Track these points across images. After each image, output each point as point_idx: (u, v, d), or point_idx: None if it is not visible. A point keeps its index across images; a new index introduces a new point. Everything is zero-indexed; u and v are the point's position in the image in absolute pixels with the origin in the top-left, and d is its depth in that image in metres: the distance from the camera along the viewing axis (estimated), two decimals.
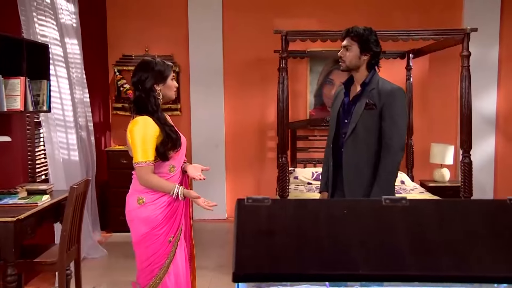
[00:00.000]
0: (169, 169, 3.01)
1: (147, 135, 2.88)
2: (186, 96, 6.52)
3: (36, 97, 4.05)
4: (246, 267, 1.07)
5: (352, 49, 3.05)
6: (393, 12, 6.37)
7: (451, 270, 1.06)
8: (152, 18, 6.48)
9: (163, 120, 2.99)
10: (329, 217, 1.18)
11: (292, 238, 1.14)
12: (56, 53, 4.66)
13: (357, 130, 3.05)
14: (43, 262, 3.58)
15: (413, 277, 1.06)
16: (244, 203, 1.20)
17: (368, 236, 1.14)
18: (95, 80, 5.96)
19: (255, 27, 6.45)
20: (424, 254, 1.10)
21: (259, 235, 1.14)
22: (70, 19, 5.17)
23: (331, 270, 1.07)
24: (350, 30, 3.08)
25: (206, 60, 6.47)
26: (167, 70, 3.02)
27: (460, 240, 1.12)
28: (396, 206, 1.20)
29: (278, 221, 1.18)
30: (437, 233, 1.14)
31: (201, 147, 6.51)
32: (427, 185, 5.99)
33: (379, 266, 1.08)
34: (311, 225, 1.17)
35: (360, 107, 3.06)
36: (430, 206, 1.20)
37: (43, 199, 3.72)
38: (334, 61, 6.44)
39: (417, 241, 1.13)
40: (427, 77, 6.52)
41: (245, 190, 6.69)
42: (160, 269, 3.00)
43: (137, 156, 2.87)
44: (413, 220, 1.17)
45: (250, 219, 1.17)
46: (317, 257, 1.10)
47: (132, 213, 3.02)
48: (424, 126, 6.47)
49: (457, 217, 1.17)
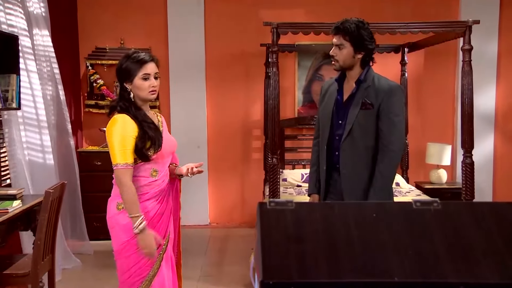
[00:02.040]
0: (151, 173, 2.93)
1: (126, 134, 2.81)
2: (165, 93, 6.47)
3: (5, 93, 3.98)
4: (274, 276, 1.07)
5: (344, 48, 3.02)
6: (385, 3, 6.42)
7: (492, 277, 1.07)
8: (128, 7, 6.42)
9: (142, 117, 2.92)
10: (358, 221, 1.18)
11: (321, 243, 1.14)
12: (25, 45, 4.57)
13: (353, 132, 3.04)
14: (14, 274, 3.51)
15: (452, 285, 1.07)
16: (267, 207, 1.20)
17: (401, 241, 1.15)
18: (66, 75, 5.87)
19: (240, 19, 6.45)
20: (462, 260, 1.11)
21: (286, 240, 1.14)
22: (39, 8, 5.07)
23: (365, 277, 1.08)
24: (341, 26, 3.01)
25: (186, 54, 6.43)
26: (133, 69, 2.89)
27: (499, 245, 1.13)
28: (428, 209, 1.21)
29: (304, 225, 1.17)
30: (474, 238, 1.15)
31: (182, 147, 6.36)
32: (423, 187, 6.05)
33: (414, 273, 1.09)
34: (340, 229, 1.17)
35: (356, 107, 3.05)
36: (463, 208, 1.21)
37: (14, 205, 3.66)
38: (324, 55, 6.48)
39: (453, 246, 1.14)
40: (422, 73, 6.60)
41: (229, 194, 6.69)
42: (142, 282, 2.94)
43: (115, 157, 2.81)
44: (447, 224, 1.18)
45: (274, 224, 1.17)
46: (349, 263, 1.10)
47: (112, 219, 2.96)
48: (419, 124, 6.54)
49: (493, 221, 1.19)
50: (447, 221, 1.19)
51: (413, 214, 1.20)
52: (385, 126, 3.01)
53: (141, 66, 2.89)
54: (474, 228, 1.17)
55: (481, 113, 6.37)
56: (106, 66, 6.27)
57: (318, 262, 1.10)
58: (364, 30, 3.00)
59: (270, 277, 1.06)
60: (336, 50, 3.05)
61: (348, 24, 2.99)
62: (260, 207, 1.20)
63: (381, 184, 3.03)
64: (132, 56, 2.94)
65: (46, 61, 5.08)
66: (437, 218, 1.19)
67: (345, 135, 3.05)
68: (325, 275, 1.08)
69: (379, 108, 3.01)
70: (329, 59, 6.21)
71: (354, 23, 3.00)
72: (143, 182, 2.93)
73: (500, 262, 1.10)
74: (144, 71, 2.89)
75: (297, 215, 1.19)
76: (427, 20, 5.37)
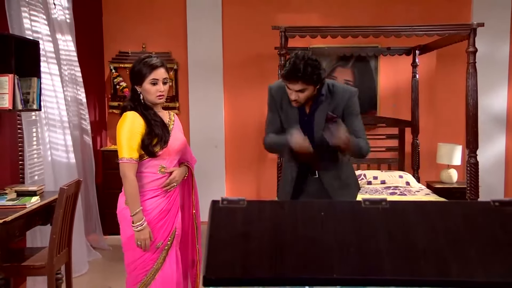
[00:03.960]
0: (159, 169, 2.98)
1: (133, 130, 2.86)
2: (185, 94, 6.53)
3: (26, 95, 4.07)
4: (217, 271, 1.08)
5: (307, 90, 2.89)
6: (396, 6, 6.35)
7: (430, 274, 1.06)
8: (150, 13, 6.50)
9: (150, 115, 2.96)
10: (306, 219, 1.18)
11: (267, 241, 1.14)
12: (48, 49, 4.68)
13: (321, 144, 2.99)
14: (31, 266, 3.59)
15: (388, 281, 1.06)
16: (219, 205, 1.21)
17: (346, 239, 1.14)
18: (91, 78, 5.98)
19: (256, 22, 6.45)
20: (403, 257, 1.10)
21: (233, 238, 1.15)
22: (63, 15, 5.18)
23: (305, 273, 1.08)
24: (300, 74, 2.81)
25: (205, 57, 6.48)
26: (142, 74, 2.93)
27: (440, 244, 1.12)
28: (376, 208, 1.20)
29: (253, 223, 1.18)
30: (417, 237, 1.14)
31: (200, 147, 6.51)
32: (434, 186, 5.97)
33: (355, 269, 1.09)
34: (288, 227, 1.17)
35: (320, 119, 3.00)
36: (412, 208, 1.20)
37: (32, 201, 3.74)
38: (338, 58, 6.46)
39: (396, 244, 1.13)
40: (434, 74, 6.50)
41: (245, 192, 6.70)
42: (146, 275, 2.98)
43: (121, 151, 2.86)
44: (393, 222, 1.17)
45: (224, 221, 1.18)
46: (291, 260, 1.10)
47: (121, 213, 3.01)
48: (430, 125, 6.45)
49: (438, 220, 1.17)
50: (393, 219, 1.18)
51: (361, 213, 1.20)
52: (352, 121, 3.00)
53: (151, 71, 2.93)
54: (419, 226, 1.16)
55: (493, 114, 6.26)
56: (128, 69, 6.32)
57: (262, 259, 1.11)
58: (316, 66, 2.85)
59: (212, 273, 1.07)
60: (298, 94, 2.90)
61: (304, 69, 2.80)
62: (213, 205, 1.21)
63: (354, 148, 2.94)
64: (144, 60, 2.98)
65: (68, 64, 5.18)
66: (384, 217, 1.19)
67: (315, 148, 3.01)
68: (267, 271, 1.09)
69: (343, 112, 2.99)
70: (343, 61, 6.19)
71: (308, 65, 2.81)
72: (151, 178, 2.97)
73: (440, 260, 1.09)
74: (153, 76, 2.93)
75: (247, 213, 1.20)
76: (439, 22, 5.29)
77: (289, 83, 2.88)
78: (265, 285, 1.12)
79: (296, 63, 2.81)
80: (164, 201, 3.02)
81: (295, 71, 2.81)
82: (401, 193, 5.35)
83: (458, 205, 1.19)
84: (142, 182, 2.96)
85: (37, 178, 4.64)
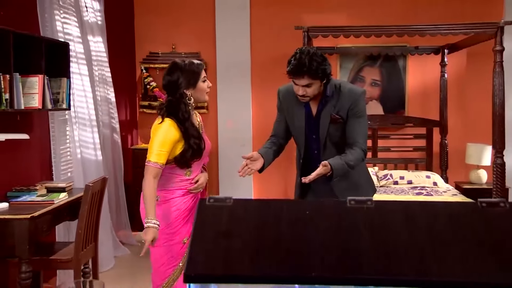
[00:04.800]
0: (185, 173, 3.05)
1: (167, 139, 2.90)
2: (213, 94, 6.57)
3: (56, 95, 4.18)
4: (198, 268, 1.09)
5: (313, 85, 2.88)
6: (424, 4, 6.23)
7: (409, 274, 1.05)
8: (180, 15, 6.58)
9: (191, 129, 2.98)
10: (291, 218, 1.18)
11: (250, 239, 1.15)
12: (79, 51, 4.79)
13: (328, 144, 3.01)
14: (58, 260, 3.70)
15: (366, 281, 1.05)
16: (206, 203, 1.22)
17: (329, 238, 1.14)
18: (122, 78, 6.09)
19: (283, 23, 6.43)
20: (384, 257, 1.09)
21: (217, 235, 1.16)
22: (95, 17, 5.31)
23: (284, 271, 1.08)
24: (306, 69, 2.81)
25: (233, 57, 6.51)
26: (196, 74, 2.99)
27: (422, 244, 1.10)
28: (361, 207, 1.19)
29: (238, 221, 1.19)
30: (400, 236, 1.12)
31: (227, 146, 6.56)
32: (462, 187, 5.84)
33: (334, 268, 1.08)
34: (271, 226, 1.17)
35: (325, 119, 2.99)
36: (397, 208, 1.18)
37: (60, 197, 3.84)
38: (365, 57, 6.39)
39: (378, 244, 1.12)
40: (464, 74, 6.36)
41: (273, 191, 6.70)
42: (174, 271, 3.04)
43: (151, 155, 2.93)
44: (377, 222, 1.16)
45: (210, 219, 1.19)
46: (272, 258, 1.10)
47: (142, 210, 3.08)
48: (459, 125, 6.31)
49: (423, 220, 1.15)
50: (377, 219, 1.17)
51: (346, 213, 1.19)
52: (351, 125, 2.95)
53: (201, 70, 3.04)
54: (403, 226, 1.15)
55: None
56: (158, 70, 6.44)
57: (244, 256, 1.12)
58: (323, 63, 2.84)
59: (192, 270, 1.08)
60: (305, 89, 2.89)
61: (310, 63, 2.80)
62: (200, 203, 1.22)
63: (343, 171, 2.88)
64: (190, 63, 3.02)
65: (98, 65, 5.30)
66: (368, 217, 1.18)
67: (322, 150, 3.02)
68: (247, 269, 1.09)
69: (347, 114, 2.95)
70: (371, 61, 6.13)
71: (314, 60, 2.81)
72: (178, 178, 3.05)
73: (421, 260, 1.07)
74: (203, 74, 3.05)
75: (233, 211, 1.21)
76: (469, 20, 5.17)
77: (295, 79, 2.89)
78: (245, 282, 1.13)
79: (302, 58, 2.82)
80: (190, 200, 3.10)
81: (300, 66, 2.81)
82: (427, 193, 5.25)
83: (445, 205, 1.17)
84: (170, 181, 3.04)
85: (69, 175, 4.76)
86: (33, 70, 3.88)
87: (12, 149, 4.03)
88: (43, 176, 4.49)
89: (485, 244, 1.09)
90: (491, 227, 1.12)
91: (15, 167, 4.13)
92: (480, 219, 1.14)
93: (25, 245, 3.39)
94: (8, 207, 3.59)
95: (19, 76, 3.65)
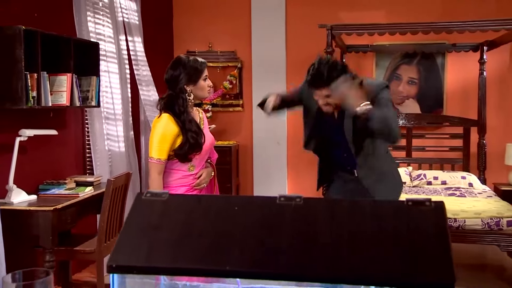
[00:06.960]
0: (188, 168, 3.05)
1: (166, 134, 2.94)
2: (249, 92, 6.63)
3: (86, 93, 4.35)
4: (121, 259, 1.13)
5: None
6: (466, 2, 6.01)
7: (320, 270, 1.05)
8: (216, 14, 6.67)
9: (188, 122, 3.00)
10: (219, 214, 1.21)
11: (175, 233, 1.18)
12: (110, 50, 4.96)
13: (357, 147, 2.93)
14: (82, 251, 3.84)
15: (279, 275, 1.06)
16: (142, 197, 1.26)
17: (250, 234, 1.15)
18: (160, 76, 6.22)
19: (319, 22, 6.38)
20: (301, 253, 1.09)
21: (146, 228, 1.19)
22: (132, 17, 5.47)
23: (201, 264, 1.10)
24: (325, 80, 2.72)
25: (268, 56, 6.54)
26: (199, 72, 3.03)
27: (341, 242, 1.10)
28: (289, 204, 1.20)
29: (169, 216, 1.22)
30: (321, 234, 1.12)
31: (263, 144, 6.59)
32: (501, 188, 5.62)
33: (251, 263, 1.10)
34: (199, 220, 1.20)
35: (349, 123, 2.89)
36: (325, 206, 1.18)
37: (86, 191, 3.99)
38: (402, 55, 6.27)
39: (298, 240, 1.12)
40: (506, 71, 6.11)
41: (306, 188, 6.66)
42: None
43: (152, 151, 2.97)
44: (301, 219, 1.17)
45: (142, 213, 1.23)
46: (194, 252, 1.13)
47: None
48: (499, 125, 6.07)
49: (347, 218, 1.15)
50: (303, 216, 1.17)
51: (274, 209, 1.20)
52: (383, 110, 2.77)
53: (204, 68, 3.07)
54: (326, 224, 1.15)
55: None
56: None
57: (166, 249, 1.15)
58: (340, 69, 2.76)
59: (115, 261, 1.13)
60: (325, 100, 2.81)
61: (329, 74, 2.71)
62: (136, 197, 1.26)
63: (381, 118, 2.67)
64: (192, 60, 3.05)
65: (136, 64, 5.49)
66: (295, 213, 1.18)
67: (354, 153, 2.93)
68: (168, 261, 1.13)
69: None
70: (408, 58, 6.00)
71: (333, 70, 2.73)
72: (181, 174, 3.06)
73: (335, 256, 1.07)
74: (205, 73, 3.07)
75: (166, 206, 1.24)
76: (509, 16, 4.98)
77: (315, 89, 2.83)
78: (165, 274, 1.16)
79: (320, 68, 2.74)
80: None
81: (319, 77, 2.74)
82: (461, 194, 5.09)
83: (372, 204, 1.16)
84: (172, 178, 3.06)
85: (101, 170, 4.92)
86: (63, 69, 4.05)
87: (45, 144, 4.22)
88: (76, 170, 4.68)
89: (401, 243, 1.08)
90: (411, 224, 1.10)
91: (48, 161, 4.32)
92: (404, 217, 1.12)
93: (49, 235, 3.54)
94: (36, 199, 3.78)
95: (46, 75, 3.82)
